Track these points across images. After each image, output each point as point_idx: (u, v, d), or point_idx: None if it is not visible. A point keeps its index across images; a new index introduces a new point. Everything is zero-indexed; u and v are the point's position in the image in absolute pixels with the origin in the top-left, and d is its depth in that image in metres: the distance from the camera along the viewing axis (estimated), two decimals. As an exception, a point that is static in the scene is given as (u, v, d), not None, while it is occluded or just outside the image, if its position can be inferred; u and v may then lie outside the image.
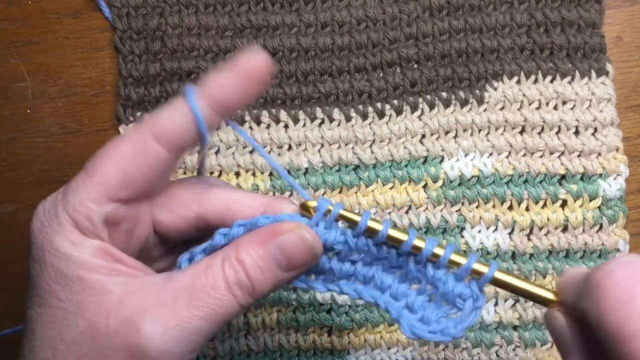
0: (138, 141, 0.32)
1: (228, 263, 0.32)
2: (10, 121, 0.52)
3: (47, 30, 0.53)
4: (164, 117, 0.32)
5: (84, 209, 0.31)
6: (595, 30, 0.50)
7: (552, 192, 0.49)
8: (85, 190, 0.31)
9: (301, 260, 0.33)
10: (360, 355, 0.50)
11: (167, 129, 0.32)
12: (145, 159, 0.32)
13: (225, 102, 0.32)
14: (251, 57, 0.32)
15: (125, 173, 0.32)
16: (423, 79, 0.50)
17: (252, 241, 0.32)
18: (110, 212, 0.32)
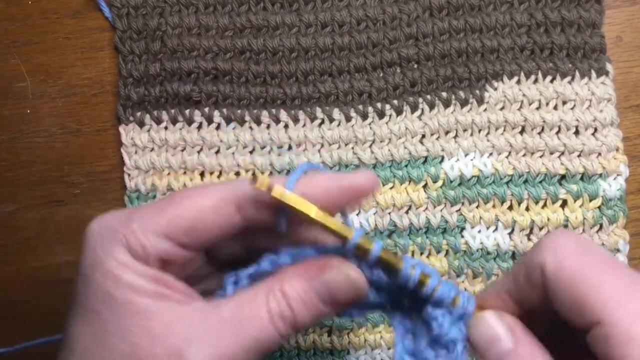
0: (220, 198, 0.32)
1: (272, 295, 0.31)
2: (10, 121, 0.52)
3: (47, 30, 0.53)
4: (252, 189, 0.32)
5: (142, 239, 0.31)
6: (595, 30, 0.50)
7: (552, 192, 0.49)
8: (152, 222, 0.31)
9: (345, 298, 0.32)
10: (360, 355, 0.50)
11: (252, 200, 0.32)
12: (219, 218, 0.32)
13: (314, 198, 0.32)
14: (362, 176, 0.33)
15: (194, 223, 0.32)
16: (423, 79, 0.50)
17: (297, 275, 0.32)
18: (167, 251, 0.32)
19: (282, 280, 0.32)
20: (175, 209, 0.32)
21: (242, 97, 0.51)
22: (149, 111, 0.51)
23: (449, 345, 0.32)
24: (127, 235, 0.31)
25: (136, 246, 0.31)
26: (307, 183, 0.32)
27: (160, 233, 0.31)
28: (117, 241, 0.31)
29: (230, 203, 0.32)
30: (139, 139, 0.51)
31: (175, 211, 0.32)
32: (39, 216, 0.52)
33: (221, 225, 0.32)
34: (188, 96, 0.50)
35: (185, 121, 0.51)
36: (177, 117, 0.51)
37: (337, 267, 0.32)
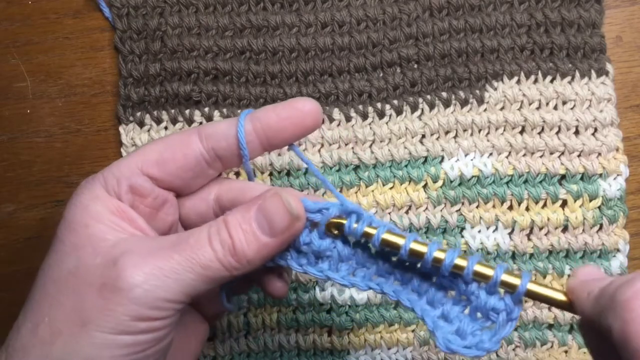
0: (184, 133, 0.36)
1: (214, 223, 0.33)
2: (10, 121, 0.52)
3: (47, 30, 0.53)
4: (213, 123, 0.37)
5: (116, 172, 0.35)
6: (595, 30, 0.50)
7: (552, 192, 0.49)
8: (126, 161, 0.35)
9: (283, 224, 0.33)
10: (360, 355, 0.50)
11: (210, 129, 0.36)
12: (182, 147, 0.35)
13: (270, 133, 0.36)
14: (306, 101, 0.36)
15: (161, 154, 0.35)
16: (423, 79, 0.50)
17: (239, 207, 0.34)
18: (138, 182, 0.35)
19: (226, 214, 0.34)
20: (146, 147, 0.36)
21: (242, 97, 0.51)
22: (149, 111, 0.51)
23: (489, 314, 0.33)
24: (104, 174, 0.35)
25: (110, 180, 0.35)
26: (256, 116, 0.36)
27: (132, 167, 0.35)
28: (95, 180, 0.35)
29: (191, 135, 0.36)
30: (139, 139, 0.51)
31: (145, 148, 0.36)
32: (39, 216, 0.52)
33: (184, 152, 0.35)
34: (188, 96, 0.50)
35: (185, 121, 0.51)
36: (177, 117, 0.51)
37: (274, 193, 0.34)
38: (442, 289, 0.34)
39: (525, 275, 0.32)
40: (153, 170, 0.35)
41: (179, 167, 0.36)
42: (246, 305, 0.50)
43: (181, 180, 0.36)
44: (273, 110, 0.36)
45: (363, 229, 0.34)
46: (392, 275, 0.35)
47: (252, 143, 0.36)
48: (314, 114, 0.36)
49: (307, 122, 0.36)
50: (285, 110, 0.36)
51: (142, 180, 0.35)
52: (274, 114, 0.36)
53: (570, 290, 0.32)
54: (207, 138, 0.35)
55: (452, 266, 0.33)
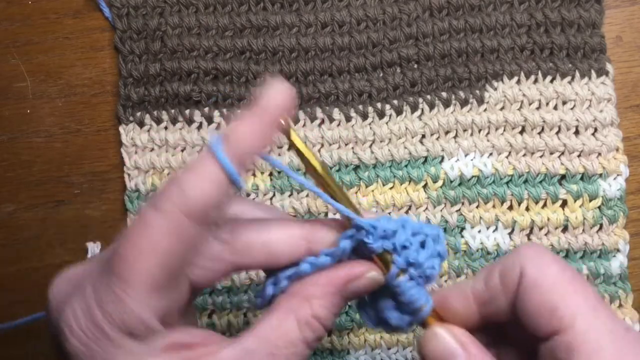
0: (172, 228, 0.28)
1: (305, 324, 0.30)
2: (10, 121, 0.52)
3: (47, 30, 0.53)
4: (193, 189, 0.28)
5: (135, 319, 0.27)
6: (595, 30, 0.50)
7: (552, 192, 0.49)
8: (129, 298, 0.27)
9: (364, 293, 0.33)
10: (360, 355, 0.50)
11: (201, 203, 0.28)
12: (184, 244, 0.28)
13: (252, 151, 0.29)
14: (272, 94, 0.29)
15: (166, 267, 0.28)
16: (423, 79, 0.50)
17: (324, 291, 0.31)
18: (161, 309, 0.29)
19: (310, 303, 0.30)
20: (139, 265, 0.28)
21: (242, 97, 0.51)
22: (149, 111, 0.51)
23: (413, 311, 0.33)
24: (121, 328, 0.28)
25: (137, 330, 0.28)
26: (233, 147, 0.28)
27: (146, 301, 0.28)
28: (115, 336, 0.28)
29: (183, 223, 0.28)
30: (139, 139, 0.51)
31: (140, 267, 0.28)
32: (39, 216, 0.52)
33: (188, 247, 0.29)
34: (188, 96, 0.50)
35: (185, 121, 0.51)
36: (177, 117, 0.51)
37: (363, 274, 0.31)
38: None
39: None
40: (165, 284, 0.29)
41: (186, 260, 0.30)
42: (246, 305, 0.50)
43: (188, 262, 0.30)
44: (251, 133, 0.29)
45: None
46: None
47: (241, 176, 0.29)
48: (289, 106, 0.30)
49: (288, 118, 0.30)
50: (266, 127, 0.29)
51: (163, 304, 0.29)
52: (258, 137, 0.29)
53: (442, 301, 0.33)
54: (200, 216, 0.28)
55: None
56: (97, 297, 0.28)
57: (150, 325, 0.28)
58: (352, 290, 0.31)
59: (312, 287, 0.31)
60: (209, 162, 0.28)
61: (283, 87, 0.29)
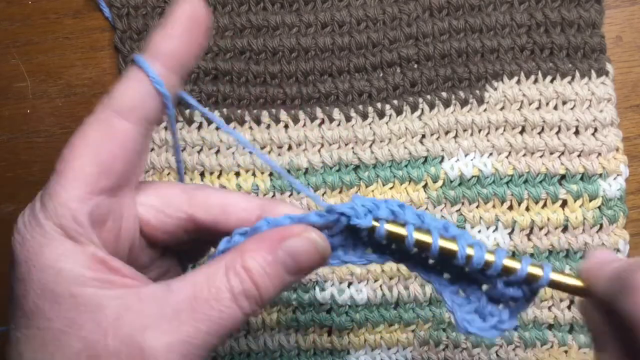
0: (102, 124, 0.30)
1: (233, 272, 0.29)
2: (10, 121, 0.52)
3: (47, 30, 0.53)
4: (121, 90, 0.30)
5: (67, 211, 0.28)
6: (595, 30, 0.50)
7: (552, 192, 0.49)
8: (64, 191, 0.29)
9: (310, 264, 0.31)
10: (360, 355, 0.50)
11: (128, 100, 0.30)
12: (115, 139, 0.30)
13: (178, 57, 0.30)
14: (185, 4, 0.30)
15: (99, 160, 0.29)
16: (423, 79, 0.50)
17: (259, 247, 0.30)
18: (95, 207, 0.29)
19: (242, 254, 0.30)
20: (73, 164, 0.29)
21: (242, 97, 0.51)
22: (149, 111, 0.51)
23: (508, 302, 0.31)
24: (51, 218, 0.28)
25: (66, 223, 0.28)
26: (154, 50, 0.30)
27: (78, 194, 0.29)
28: (47, 228, 0.28)
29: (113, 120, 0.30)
30: (139, 139, 0.51)
31: (75, 165, 0.29)
32: (39, 216, 0.52)
33: (120, 144, 0.30)
34: (188, 96, 0.50)
35: (185, 121, 0.51)
36: (176, 117, 0.51)
37: (301, 234, 0.31)
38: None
39: (546, 266, 0.31)
40: (100, 183, 0.29)
41: (123, 162, 0.30)
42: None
43: (128, 174, 0.31)
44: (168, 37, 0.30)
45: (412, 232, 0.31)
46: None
47: (170, 82, 0.30)
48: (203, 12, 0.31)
49: (205, 25, 0.31)
50: (178, 28, 0.30)
51: (96, 203, 0.29)
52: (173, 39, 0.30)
53: (585, 273, 0.31)
54: (131, 111, 0.30)
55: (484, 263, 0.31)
56: (40, 194, 0.29)
57: (80, 222, 0.28)
58: (289, 249, 0.30)
59: (248, 242, 0.31)
60: (132, 67, 0.30)
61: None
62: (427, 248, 0.31)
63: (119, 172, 0.30)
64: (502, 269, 0.31)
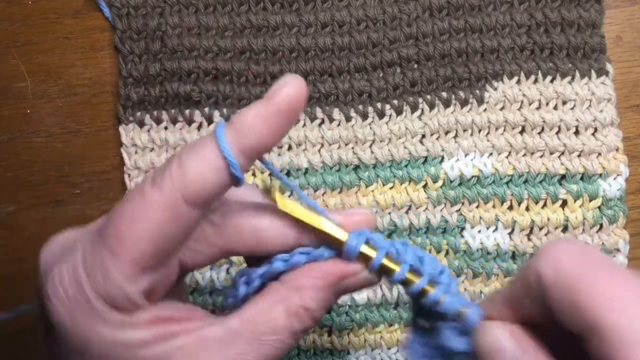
0: (168, 207, 0.28)
1: (294, 315, 0.30)
2: (10, 121, 0.52)
3: (47, 30, 0.53)
4: (193, 173, 0.28)
5: (119, 292, 0.27)
6: (595, 30, 0.50)
7: (552, 192, 0.49)
8: (118, 270, 0.27)
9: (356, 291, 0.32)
10: (360, 355, 0.50)
11: (199, 188, 0.28)
12: (177, 224, 0.28)
13: (258, 146, 0.28)
14: (284, 88, 0.28)
15: (157, 244, 0.28)
16: (423, 79, 0.50)
17: (316, 284, 0.30)
18: (146, 285, 0.28)
19: (300, 294, 0.30)
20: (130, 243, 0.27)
21: (242, 97, 0.51)
22: (149, 111, 0.51)
23: (453, 356, 0.31)
24: (102, 295, 0.27)
25: (119, 302, 0.28)
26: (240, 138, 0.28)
27: (131, 275, 0.28)
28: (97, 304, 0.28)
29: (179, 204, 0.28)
30: (139, 139, 0.51)
31: (131, 238, 0.27)
32: (39, 216, 0.52)
33: (181, 229, 0.29)
34: (188, 96, 0.50)
35: (185, 121, 0.51)
36: (177, 117, 0.51)
37: (358, 274, 0.31)
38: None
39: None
40: (153, 262, 0.28)
41: (179, 243, 0.29)
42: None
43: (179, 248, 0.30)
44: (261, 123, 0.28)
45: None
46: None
47: (244, 168, 0.29)
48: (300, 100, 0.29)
49: (295, 114, 0.29)
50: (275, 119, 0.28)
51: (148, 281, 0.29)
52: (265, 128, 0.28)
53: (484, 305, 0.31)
54: (198, 200, 0.28)
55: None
56: (85, 264, 0.28)
57: (134, 300, 0.28)
58: (344, 286, 0.31)
59: (304, 278, 0.30)
60: (212, 146, 0.28)
61: (296, 81, 0.29)
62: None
63: (171, 251, 0.29)
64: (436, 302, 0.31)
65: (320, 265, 0.31)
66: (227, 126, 0.28)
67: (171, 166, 0.28)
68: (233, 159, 0.28)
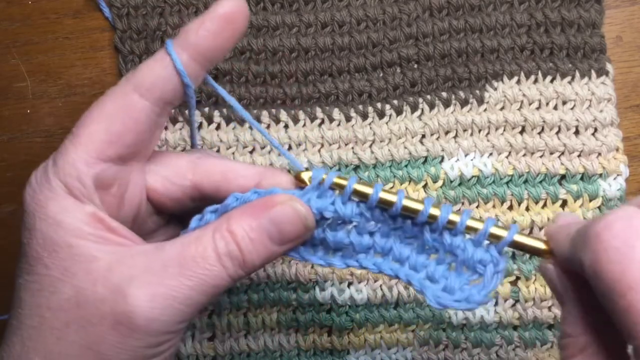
0: (120, 96, 0.32)
1: (219, 234, 0.31)
2: (10, 121, 0.52)
3: (47, 30, 0.53)
4: (144, 70, 0.32)
5: (74, 171, 0.31)
6: (595, 30, 0.50)
7: (552, 192, 0.49)
8: (74, 152, 0.31)
9: (294, 233, 0.33)
10: (360, 355, 0.50)
11: (148, 80, 0.32)
12: (130, 113, 0.32)
13: (206, 51, 0.32)
14: (226, 2, 0.32)
15: (111, 130, 0.31)
16: (423, 79, 0.50)
17: (244, 213, 0.32)
18: (101, 172, 0.31)
19: (229, 220, 0.32)
20: (87, 128, 0.31)
21: (242, 97, 0.51)
22: (149, 111, 0.51)
23: (476, 267, 0.33)
24: (59, 175, 0.31)
25: (71, 182, 0.31)
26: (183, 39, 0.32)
27: (86, 157, 0.31)
28: (54, 184, 0.31)
29: (130, 94, 0.32)
30: (139, 139, 0.51)
31: (88, 130, 0.31)
32: (39, 216, 0.52)
33: (134, 117, 0.32)
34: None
35: (185, 121, 0.51)
36: (177, 117, 0.51)
37: (285, 202, 0.32)
38: (423, 253, 0.35)
39: (512, 226, 0.33)
40: (109, 151, 0.31)
41: (134, 134, 0.32)
42: (246, 305, 0.50)
43: (138, 147, 0.33)
44: (203, 29, 0.32)
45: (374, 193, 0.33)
46: (371, 248, 0.35)
47: (194, 73, 0.32)
48: (242, 13, 0.32)
49: (239, 26, 0.32)
50: (214, 23, 0.32)
51: (102, 169, 0.31)
52: (207, 33, 0.32)
53: (549, 235, 0.32)
54: (149, 91, 0.32)
55: (447, 221, 0.33)
56: (54, 153, 0.32)
57: (84, 183, 0.31)
58: (273, 217, 0.32)
59: (236, 210, 0.33)
60: (162, 51, 0.32)
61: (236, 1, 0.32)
62: (391, 206, 0.33)
63: (128, 143, 0.32)
64: (466, 227, 0.33)
65: (255, 200, 0.33)
66: (176, 37, 0.32)
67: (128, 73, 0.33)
68: (177, 59, 0.31)
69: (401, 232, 0.35)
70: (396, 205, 0.33)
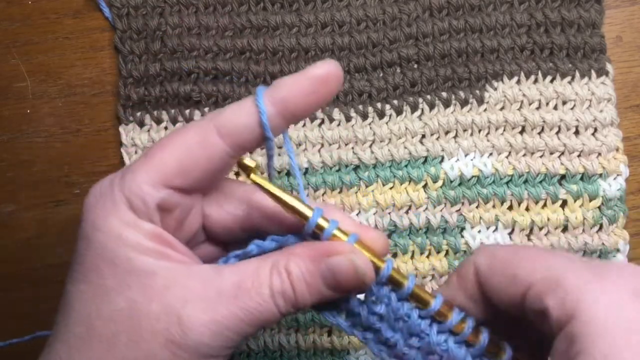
0: (201, 132, 0.32)
1: (276, 272, 0.32)
2: (10, 121, 0.52)
3: (47, 30, 0.53)
4: (229, 113, 0.32)
5: (139, 191, 0.31)
6: (595, 30, 0.50)
7: (552, 192, 0.49)
8: (144, 172, 0.32)
9: (349, 285, 0.33)
10: (360, 355, 0.50)
11: (230, 124, 0.32)
12: (205, 150, 0.32)
13: (294, 108, 0.32)
14: (322, 64, 0.32)
15: (182, 162, 0.32)
16: (423, 79, 0.50)
17: (304, 254, 0.32)
18: (164, 197, 0.32)
19: (288, 258, 0.32)
20: (161, 154, 0.32)
21: (242, 97, 0.51)
22: (149, 111, 0.51)
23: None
24: (123, 191, 0.31)
25: (135, 200, 0.31)
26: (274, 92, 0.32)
27: (153, 181, 0.31)
28: (117, 198, 0.31)
29: (210, 133, 0.32)
30: (139, 139, 0.51)
31: (162, 155, 0.32)
32: (39, 216, 0.52)
33: (207, 155, 0.32)
34: (188, 96, 0.50)
35: (185, 121, 0.51)
36: (177, 117, 0.51)
37: (345, 254, 0.32)
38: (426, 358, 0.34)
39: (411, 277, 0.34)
40: (176, 181, 0.32)
41: (204, 171, 0.33)
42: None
43: (205, 182, 0.34)
44: (296, 87, 0.32)
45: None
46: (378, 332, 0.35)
47: (277, 126, 0.33)
48: (337, 78, 0.33)
49: (332, 89, 0.33)
50: (309, 83, 0.32)
51: (167, 195, 0.32)
52: (298, 91, 0.32)
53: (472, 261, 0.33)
54: (229, 135, 0.32)
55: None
56: (124, 169, 0.33)
57: (147, 204, 0.31)
58: (331, 265, 0.32)
59: (298, 247, 0.33)
60: (249, 99, 0.32)
61: (332, 62, 0.33)
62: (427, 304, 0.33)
63: (196, 178, 0.32)
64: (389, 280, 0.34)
65: (310, 243, 0.33)
66: (268, 88, 0.32)
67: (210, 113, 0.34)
68: (264, 109, 0.31)
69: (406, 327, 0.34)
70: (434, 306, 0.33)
